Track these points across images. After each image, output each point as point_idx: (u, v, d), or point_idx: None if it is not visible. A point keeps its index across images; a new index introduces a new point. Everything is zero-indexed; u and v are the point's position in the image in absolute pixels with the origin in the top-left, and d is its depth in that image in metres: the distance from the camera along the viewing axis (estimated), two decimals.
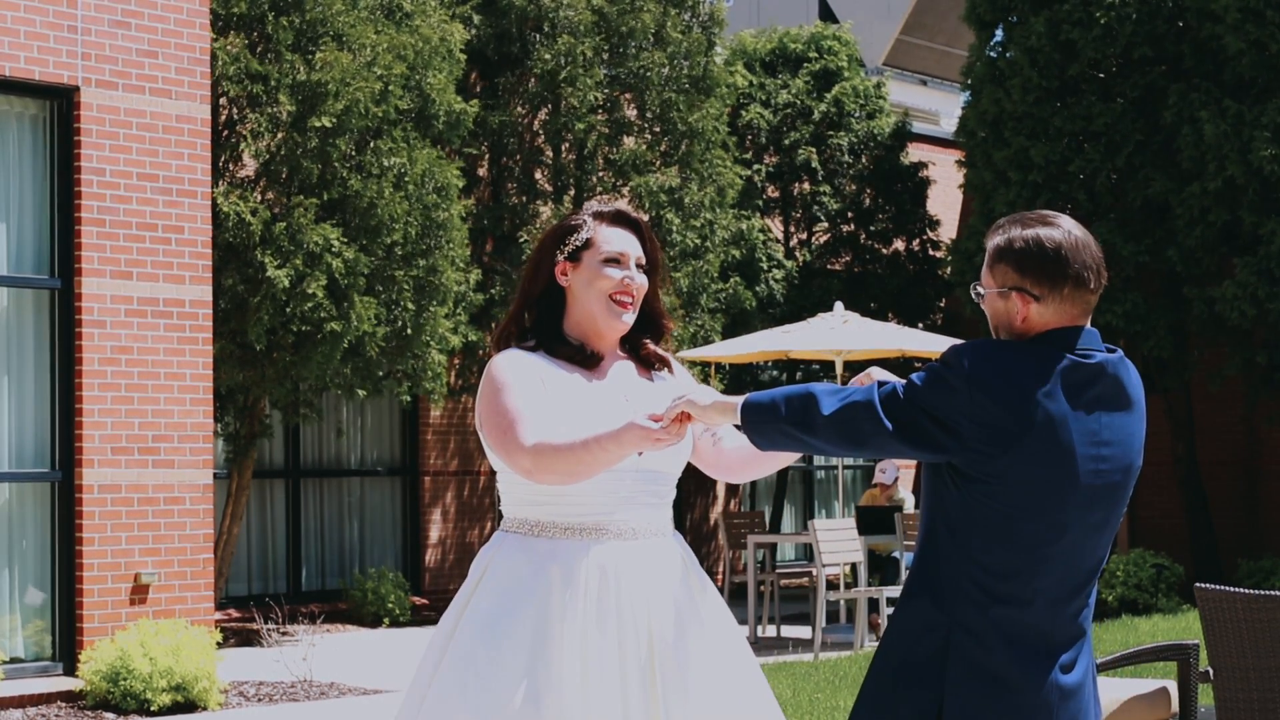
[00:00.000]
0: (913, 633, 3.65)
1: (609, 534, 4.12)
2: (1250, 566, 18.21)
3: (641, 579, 4.10)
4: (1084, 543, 3.63)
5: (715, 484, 22.39)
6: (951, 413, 3.53)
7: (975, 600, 3.59)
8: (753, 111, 21.16)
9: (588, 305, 4.20)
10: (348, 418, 18.50)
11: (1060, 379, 3.56)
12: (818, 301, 20.16)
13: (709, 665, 4.10)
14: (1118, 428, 3.64)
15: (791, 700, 10.93)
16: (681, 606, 4.13)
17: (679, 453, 4.22)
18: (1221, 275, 18.16)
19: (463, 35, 15.81)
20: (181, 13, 12.05)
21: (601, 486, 4.11)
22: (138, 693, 10.89)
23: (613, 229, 4.25)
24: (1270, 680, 6.07)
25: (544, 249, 4.27)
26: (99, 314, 11.50)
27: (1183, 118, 17.86)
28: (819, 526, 14.43)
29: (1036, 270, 3.60)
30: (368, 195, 14.25)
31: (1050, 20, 18.34)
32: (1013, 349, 3.60)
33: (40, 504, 11.47)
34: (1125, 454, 3.65)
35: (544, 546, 4.11)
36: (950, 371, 3.56)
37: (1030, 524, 3.57)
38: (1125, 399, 3.66)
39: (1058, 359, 3.58)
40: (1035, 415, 3.52)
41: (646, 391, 4.24)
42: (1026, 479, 3.54)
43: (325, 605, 17.09)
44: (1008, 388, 3.53)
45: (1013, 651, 3.59)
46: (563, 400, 4.11)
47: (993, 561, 3.59)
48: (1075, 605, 3.66)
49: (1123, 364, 3.69)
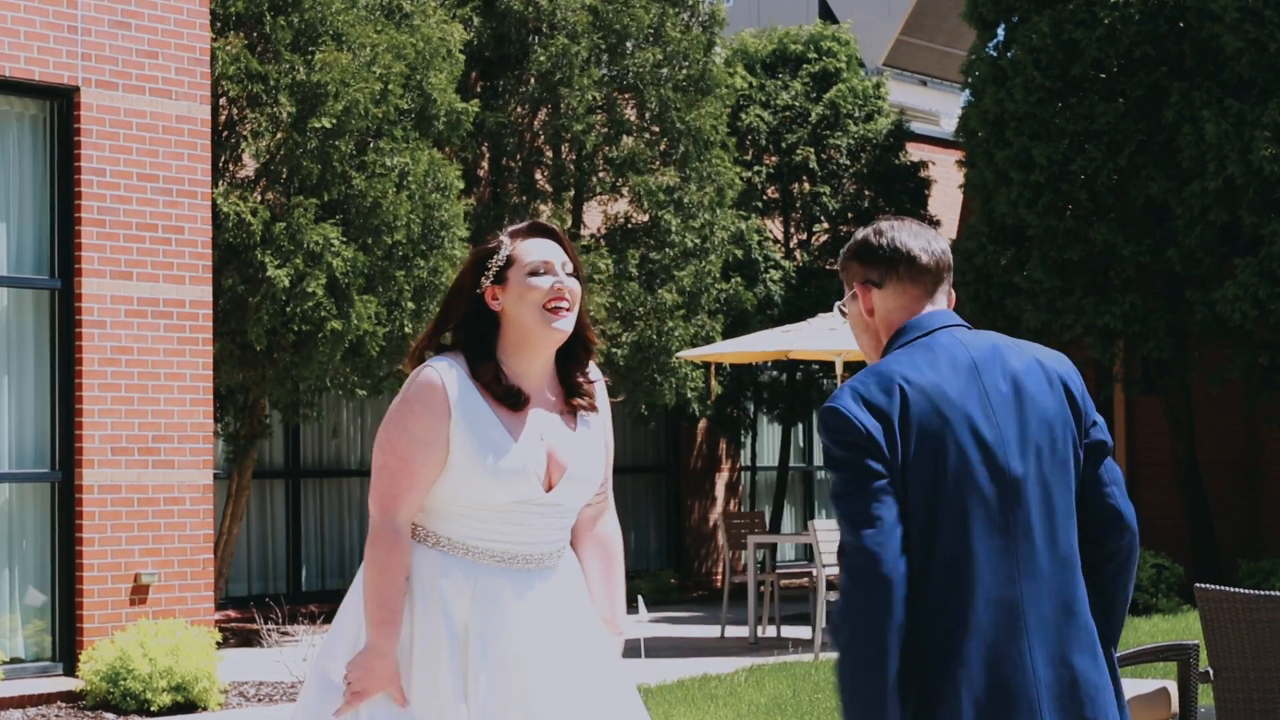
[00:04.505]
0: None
1: (506, 559, 4.17)
2: (1250, 567, 18.20)
3: (530, 609, 4.15)
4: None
5: (715, 485, 22.39)
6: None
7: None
8: (752, 114, 21.16)
9: (523, 320, 4.17)
10: (348, 418, 18.50)
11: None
12: (817, 301, 20.16)
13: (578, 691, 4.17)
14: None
15: (792, 700, 10.93)
16: (568, 635, 4.20)
17: (588, 488, 4.26)
18: (1222, 276, 18.15)
19: (462, 35, 15.81)
20: (181, 13, 12.05)
21: (506, 515, 4.15)
22: (138, 693, 10.88)
23: (530, 241, 4.23)
24: (1270, 680, 6.07)
25: (466, 277, 4.24)
26: (99, 314, 11.50)
27: (1184, 117, 17.85)
28: (819, 527, 14.43)
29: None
30: (371, 195, 14.25)
31: (1053, 20, 18.33)
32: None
33: (40, 504, 11.47)
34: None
35: (436, 559, 4.16)
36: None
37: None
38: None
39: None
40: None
41: (565, 435, 4.23)
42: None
43: (325, 605, 17.09)
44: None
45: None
46: (476, 431, 4.13)
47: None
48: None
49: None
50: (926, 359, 3.56)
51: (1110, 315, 18.05)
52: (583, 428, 4.28)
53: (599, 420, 4.32)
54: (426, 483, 4.13)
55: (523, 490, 4.13)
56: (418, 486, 4.13)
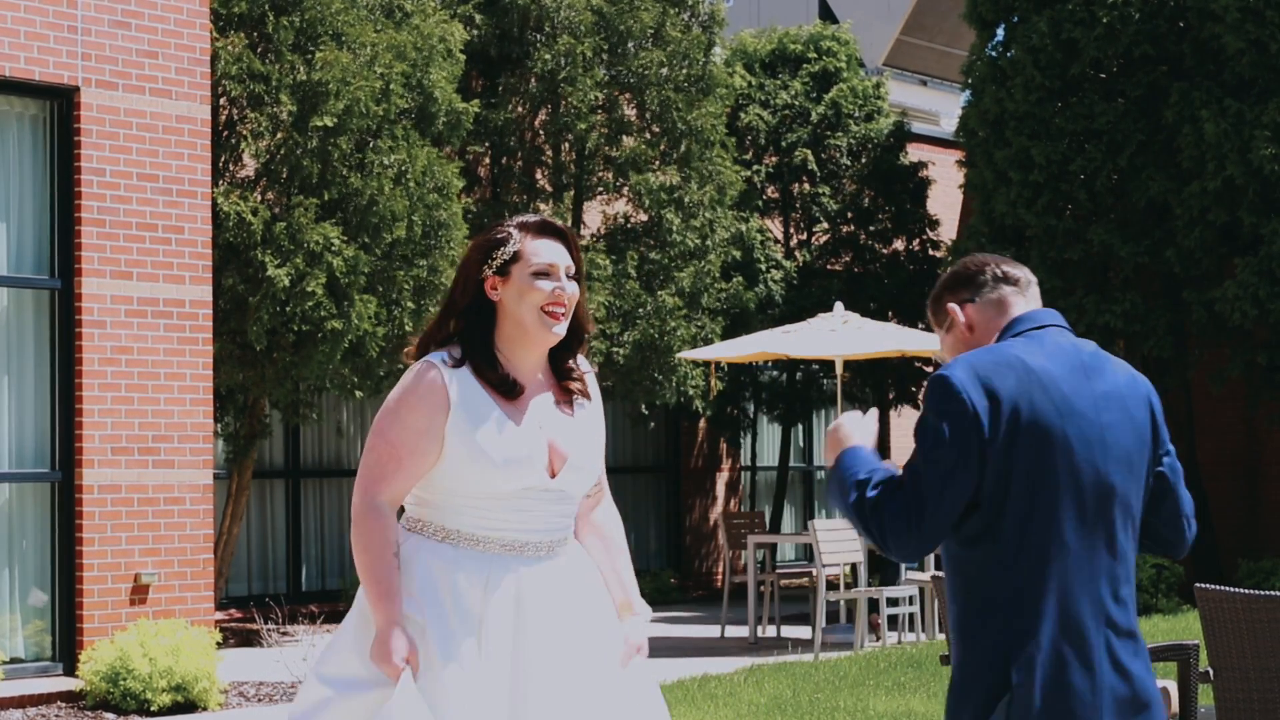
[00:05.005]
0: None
1: (514, 549, 4.18)
2: (1250, 567, 18.20)
3: (543, 602, 4.16)
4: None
5: (715, 484, 22.39)
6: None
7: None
8: (751, 114, 21.16)
9: (519, 318, 4.20)
10: (348, 418, 18.50)
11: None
12: (817, 302, 20.15)
13: (595, 682, 4.18)
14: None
15: (792, 700, 10.92)
16: (577, 624, 4.21)
17: (589, 476, 4.29)
18: (1221, 276, 18.16)
19: (462, 35, 15.81)
20: (181, 13, 12.04)
21: (511, 503, 4.17)
22: (137, 693, 10.88)
23: (540, 240, 4.24)
24: (1270, 680, 6.07)
25: (471, 262, 4.26)
26: (99, 314, 11.49)
27: (1183, 117, 17.85)
28: (819, 527, 14.43)
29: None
30: (368, 193, 14.25)
31: (1053, 19, 18.33)
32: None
33: (40, 504, 11.47)
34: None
35: (448, 552, 4.16)
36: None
37: None
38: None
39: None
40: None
41: (564, 424, 4.26)
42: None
43: (325, 605, 17.09)
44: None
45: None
46: (476, 421, 4.15)
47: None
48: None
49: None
50: (1042, 349, 3.64)
51: (1110, 315, 18.05)
52: (580, 412, 4.31)
53: (593, 408, 4.35)
54: (413, 471, 4.15)
55: (528, 477, 4.15)
56: (403, 472, 4.14)
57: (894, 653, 13.58)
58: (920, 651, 13.58)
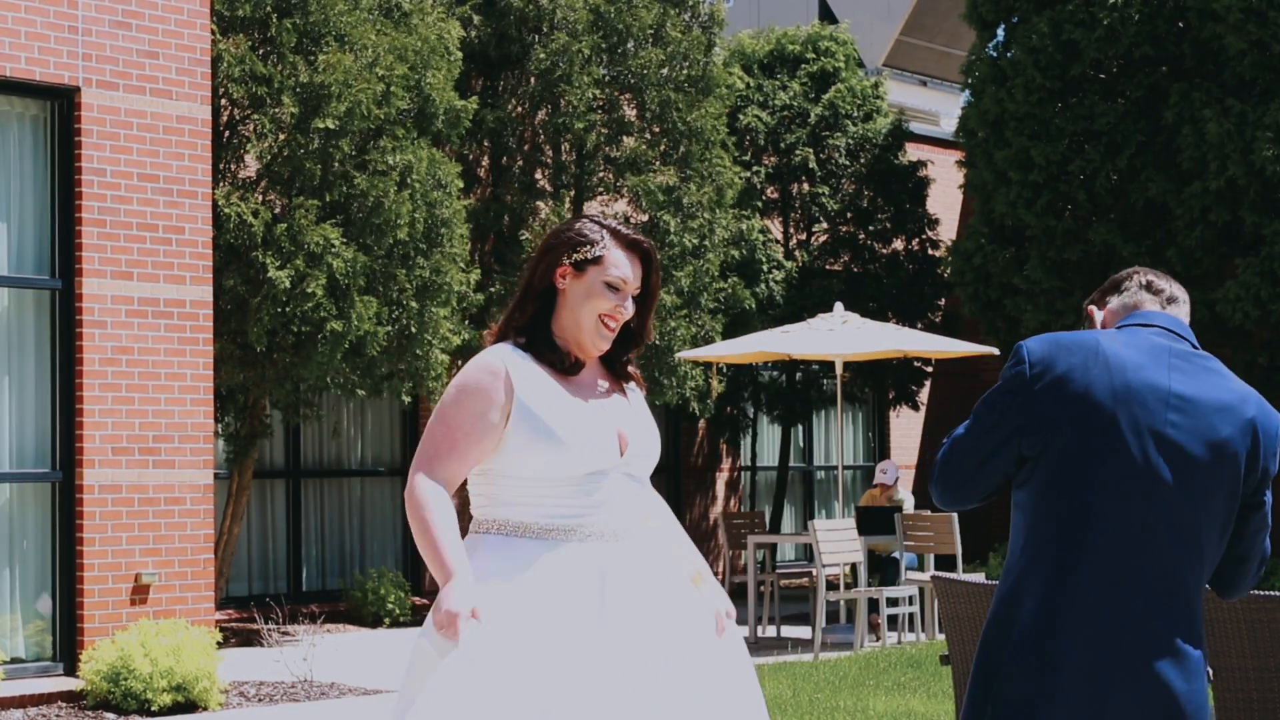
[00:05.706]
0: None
1: (592, 535, 4.21)
2: None
3: (627, 580, 4.19)
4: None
5: (715, 484, 22.40)
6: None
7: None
8: (750, 115, 21.16)
9: (578, 317, 4.28)
10: (348, 418, 18.50)
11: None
12: (817, 302, 20.16)
13: (697, 661, 4.24)
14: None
15: (792, 700, 10.93)
16: (666, 606, 4.23)
17: (651, 458, 4.35)
18: (1222, 276, 18.16)
19: (459, 34, 15.81)
20: (182, 13, 12.05)
21: (583, 486, 4.20)
22: (138, 693, 10.89)
23: (624, 253, 4.32)
24: (1270, 680, 6.07)
25: (553, 250, 4.32)
26: (99, 314, 11.50)
27: (1184, 118, 17.86)
28: (819, 527, 14.44)
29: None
30: (373, 194, 14.26)
31: (1053, 20, 18.34)
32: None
33: (41, 504, 11.47)
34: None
35: (528, 546, 4.17)
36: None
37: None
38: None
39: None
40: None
41: (618, 404, 4.34)
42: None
43: (325, 605, 17.10)
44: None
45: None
46: (542, 404, 4.20)
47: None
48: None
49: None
50: (1128, 340, 3.73)
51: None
52: (634, 397, 4.40)
53: (642, 398, 4.45)
54: (468, 454, 4.18)
55: (599, 458, 4.21)
56: (457, 454, 4.18)
57: (894, 653, 13.59)
58: (920, 651, 13.59)
